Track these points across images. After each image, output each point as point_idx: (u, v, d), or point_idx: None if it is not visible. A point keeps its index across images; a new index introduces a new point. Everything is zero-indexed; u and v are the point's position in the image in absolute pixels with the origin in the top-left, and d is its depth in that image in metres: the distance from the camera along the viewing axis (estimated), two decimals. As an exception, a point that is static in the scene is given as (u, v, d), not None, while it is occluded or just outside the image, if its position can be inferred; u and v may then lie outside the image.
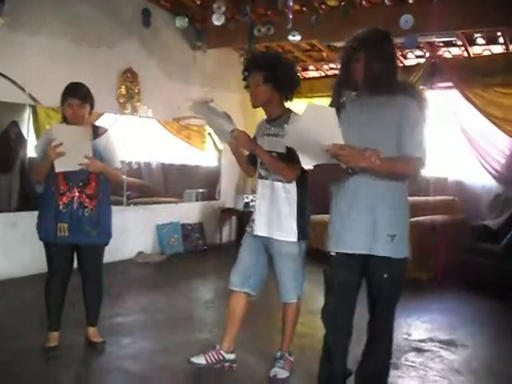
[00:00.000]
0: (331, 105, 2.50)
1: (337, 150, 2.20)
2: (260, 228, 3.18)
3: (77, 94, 3.31)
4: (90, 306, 3.62)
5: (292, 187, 3.12)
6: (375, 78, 2.35)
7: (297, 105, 3.43)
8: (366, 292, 2.55)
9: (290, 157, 2.84)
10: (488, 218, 6.55)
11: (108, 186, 3.52)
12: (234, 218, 8.31)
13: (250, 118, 8.47)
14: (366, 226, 2.38)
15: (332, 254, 2.51)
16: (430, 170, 6.99)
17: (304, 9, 6.53)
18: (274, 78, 3.08)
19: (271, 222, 3.14)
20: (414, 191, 2.42)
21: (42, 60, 5.53)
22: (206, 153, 7.94)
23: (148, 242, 6.98)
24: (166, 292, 5.30)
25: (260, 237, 3.20)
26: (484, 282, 5.63)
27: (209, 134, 7.82)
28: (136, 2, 6.47)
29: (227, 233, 8.33)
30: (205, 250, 7.58)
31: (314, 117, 2.26)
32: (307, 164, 2.42)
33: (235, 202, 8.28)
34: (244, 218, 7.98)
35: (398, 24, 5.40)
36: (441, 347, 4.03)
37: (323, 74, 8.88)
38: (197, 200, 7.86)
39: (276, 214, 3.12)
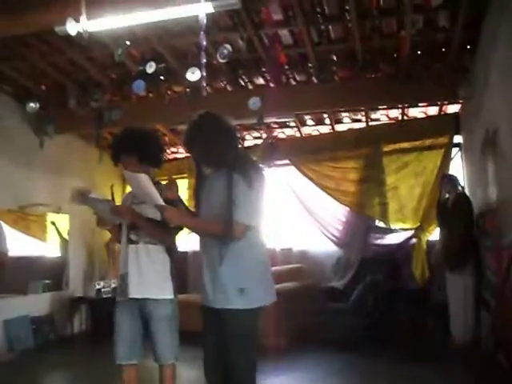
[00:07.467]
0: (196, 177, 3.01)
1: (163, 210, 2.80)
2: (134, 290, 3.14)
3: None
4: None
5: (163, 248, 3.21)
6: (208, 158, 2.82)
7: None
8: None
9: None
10: (334, 280, 7.13)
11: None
12: (84, 306, 7.92)
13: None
14: None
15: None
16: (277, 242, 7.55)
17: (150, 94, 6.85)
18: (148, 157, 3.25)
19: (146, 283, 3.14)
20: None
21: None
22: (49, 243, 7.62)
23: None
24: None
25: (135, 301, 3.16)
26: (337, 338, 6.05)
27: (52, 223, 7.59)
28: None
29: (79, 322, 7.89)
30: (56, 342, 7.10)
31: (135, 182, 2.88)
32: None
33: (85, 290, 7.99)
34: (96, 305, 7.71)
35: (243, 106, 5.93)
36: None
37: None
38: (44, 291, 7.42)
39: (151, 274, 3.15)
